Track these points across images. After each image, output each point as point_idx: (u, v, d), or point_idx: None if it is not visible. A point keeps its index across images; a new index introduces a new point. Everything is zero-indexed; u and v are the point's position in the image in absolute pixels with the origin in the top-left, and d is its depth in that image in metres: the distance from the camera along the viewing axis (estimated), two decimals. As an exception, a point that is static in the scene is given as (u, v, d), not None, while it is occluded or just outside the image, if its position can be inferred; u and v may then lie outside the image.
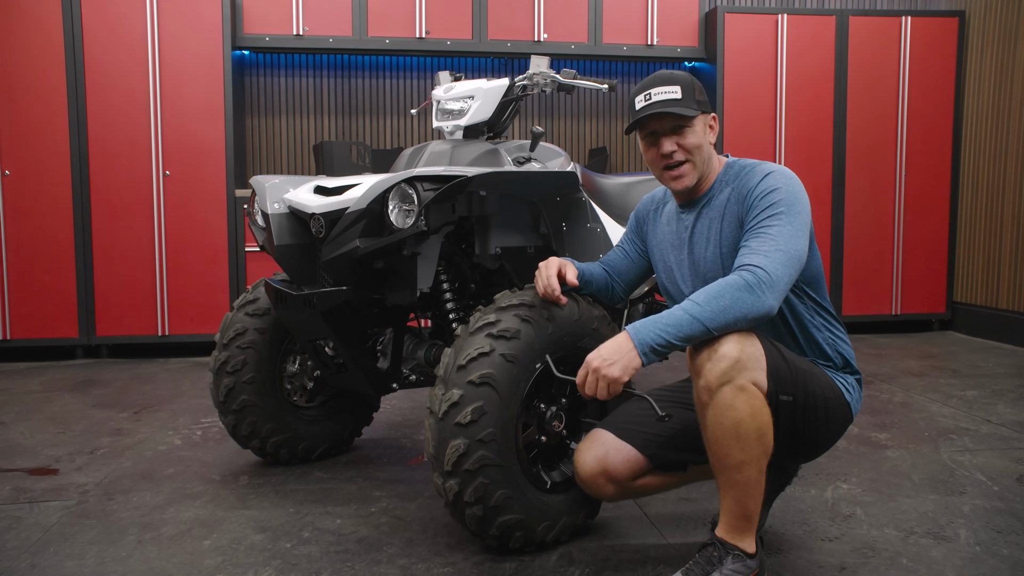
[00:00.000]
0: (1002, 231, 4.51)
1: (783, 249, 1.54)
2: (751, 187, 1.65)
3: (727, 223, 1.69)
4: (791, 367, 1.59)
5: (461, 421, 1.67)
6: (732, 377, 1.47)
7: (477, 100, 2.31)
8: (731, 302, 1.48)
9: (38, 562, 1.78)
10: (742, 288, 1.48)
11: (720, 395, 1.48)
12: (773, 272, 1.50)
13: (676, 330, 1.48)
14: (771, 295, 1.50)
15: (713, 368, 1.48)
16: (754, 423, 1.48)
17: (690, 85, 1.69)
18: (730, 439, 1.49)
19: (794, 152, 4.67)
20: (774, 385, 1.54)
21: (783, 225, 1.57)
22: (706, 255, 1.73)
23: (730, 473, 1.51)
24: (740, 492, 1.52)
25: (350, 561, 1.79)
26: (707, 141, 1.72)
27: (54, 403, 3.26)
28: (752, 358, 1.49)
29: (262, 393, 2.35)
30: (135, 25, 4.07)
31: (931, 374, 3.70)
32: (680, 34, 4.67)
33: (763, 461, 1.52)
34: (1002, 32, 4.50)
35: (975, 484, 2.24)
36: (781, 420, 1.57)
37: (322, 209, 1.99)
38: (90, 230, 4.10)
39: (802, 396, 1.60)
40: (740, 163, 1.74)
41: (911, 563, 1.75)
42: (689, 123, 1.68)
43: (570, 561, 1.78)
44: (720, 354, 1.48)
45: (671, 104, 1.66)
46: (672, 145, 1.69)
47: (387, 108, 4.86)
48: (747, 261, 1.53)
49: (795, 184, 1.63)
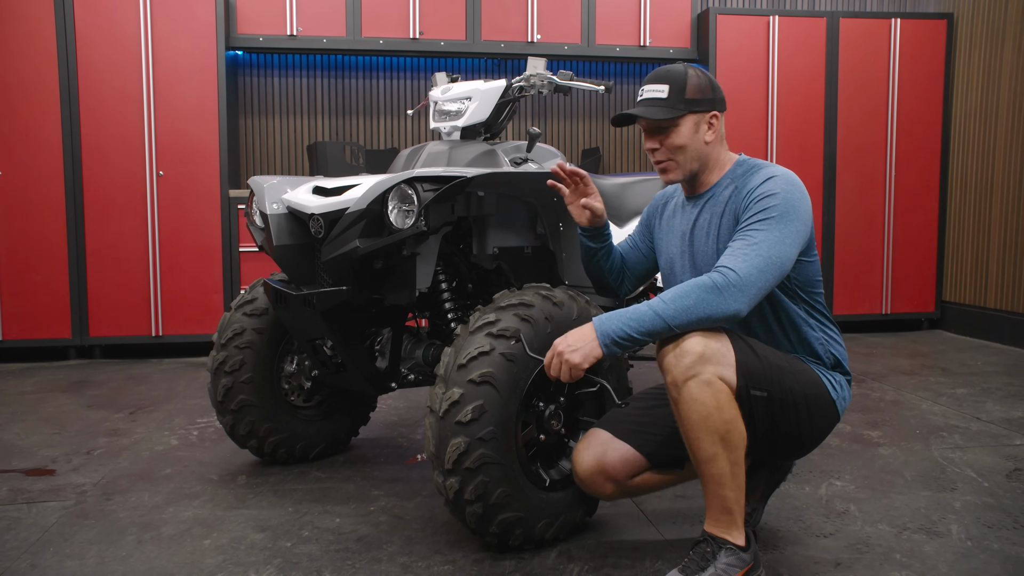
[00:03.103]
0: (990, 231, 4.56)
1: (763, 255, 1.56)
2: (751, 187, 1.67)
3: (726, 219, 1.71)
4: (764, 363, 1.61)
5: (462, 419, 1.68)
6: (697, 372, 1.51)
7: (475, 101, 2.33)
8: (695, 302, 1.51)
9: (38, 562, 1.79)
10: (709, 289, 1.52)
11: (686, 390, 1.51)
12: (745, 276, 1.53)
13: (638, 324, 1.53)
14: (738, 298, 1.52)
15: (678, 364, 1.52)
16: (720, 416, 1.51)
17: (680, 84, 1.69)
18: (700, 432, 1.52)
19: (786, 152, 4.71)
20: (744, 380, 1.56)
21: (770, 231, 1.59)
22: (705, 248, 1.75)
23: (704, 466, 1.55)
24: (716, 485, 1.55)
25: (351, 559, 1.80)
26: (698, 140, 1.71)
27: (48, 404, 3.26)
28: (717, 353, 1.53)
29: (260, 393, 2.36)
30: (128, 25, 4.06)
31: (921, 372, 3.74)
32: (672, 35, 4.70)
33: (736, 453, 1.54)
34: (989, 34, 4.55)
35: (966, 480, 2.27)
36: (756, 416, 1.60)
37: (322, 209, 2.00)
38: (83, 230, 4.09)
39: (778, 392, 1.62)
40: (749, 162, 1.76)
41: (904, 558, 1.78)
42: (673, 123, 1.70)
43: (569, 558, 1.80)
44: (683, 350, 1.52)
45: (653, 103, 1.69)
46: (655, 143, 1.73)
47: (381, 108, 4.86)
48: (723, 262, 1.56)
49: (795, 191, 1.64)
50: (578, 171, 1.88)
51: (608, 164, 5.11)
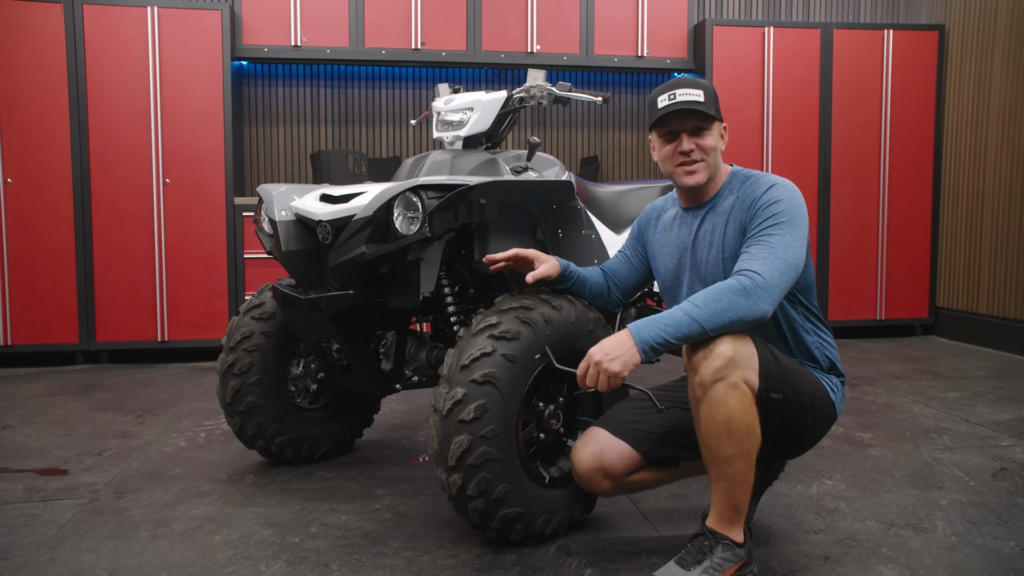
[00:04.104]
0: (982, 239, 4.64)
1: (781, 257, 1.63)
2: (756, 196, 1.75)
3: (731, 229, 1.78)
4: (782, 367, 1.69)
5: (464, 418, 1.75)
6: (725, 375, 1.56)
7: (476, 112, 2.40)
8: (728, 305, 1.57)
9: (57, 556, 1.85)
10: (739, 292, 1.58)
11: (713, 391, 1.57)
12: (769, 278, 1.60)
13: (675, 330, 1.57)
14: (766, 300, 1.59)
15: (708, 366, 1.57)
16: (744, 419, 1.58)
17: (712, 92, 1.80)
18: (721, 433, 1.58)
19: (781, 161, 4.79)
20: (765, 383, 1.64)
21: (783, 235, 1.67)
22: (708, 258, 1.82)
23: (721, 466, 1.61)
24: (730, 484, 1.61)
25: (357, 554, 1.86)
26: (719, 146, 1.83)
27: (58, 407, 3.32)
28: (745, 357, 1.59)
29: (268, 395, 2.42)
30: (136, 36, 4.15)
31: (914, 377, 3.81)
32: (669, 46, 4.79)
33: (752, 455, 1.61)
34: (979, 46, 4.64)
35: (953, 479, 2.34)
36: (770, 416, 1.67)
37: (329, 216, 2.07)
38: (91, 237, 4.16)
39: (791, 394, 1.70)
40: (745, 172, 1.84)
41: (891, 552, 1.85)
42: (709, 125, 1.79)
43: (568, 553, 1.86)
44: (715, 353, 1.57)
45: (696, 104, 1.76)
46: (691, 144, 1.79)
47: (383, 118, 4.95)
48: (746, 266, 1.63)
49: (797, 197, 1.74)
50: (516, 254, 1.94)
51: (606, 172, 5.19)
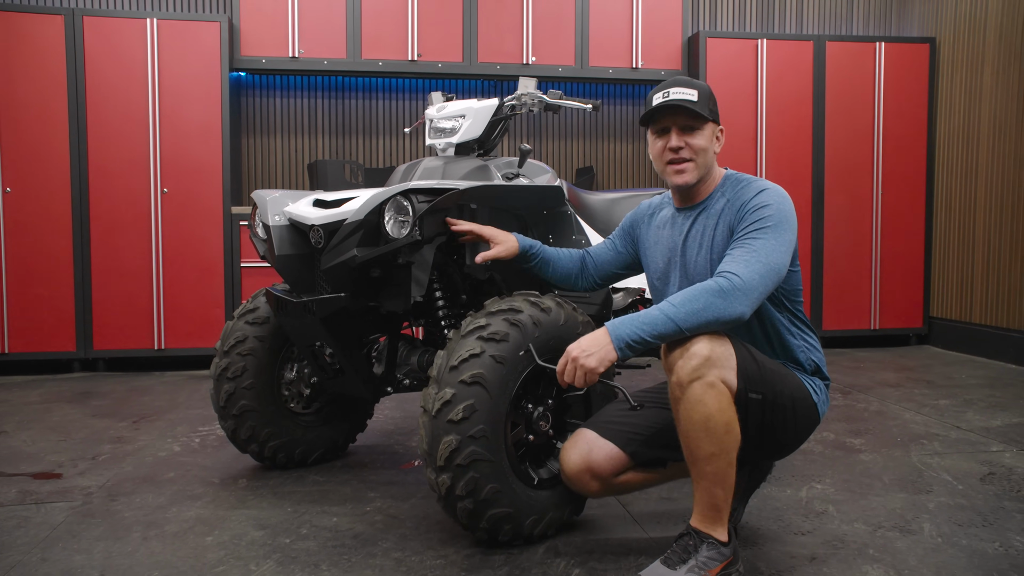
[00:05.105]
0: (974, 249, 4.67)
1: (763, 261, 1.66)
2: (745, 200, 1.77)
3: (720, 231, 1.81)
4: (761, 368, 1.71)
5: (453, 418, 1.77)
6: (702, 374, 1.58)
7: (468, 119, 2.44)
8: (704, 305, 1.59)
9: (48, 556, 1.87)
10: (716, 293, 1.60)
11: (691, 391, 1.59)
12: (748, 280, 1.62)
13: (651, 328, 1.60)
14: (743, 302, 1.61)
15: (684, 365, 1.59)
16: (722, 417, 1.60)
17: (706, 93, 1.82)
18: (700, 432, 1.60)
19: (775, 172, 4.83)
20: (744, 383, 1.65)
21: (768, 239, 1.69)
22: (697, 259, 1.85)
23: (701, 465, 1.62)
24: (710, 483, 1.63)
25: (347, 554, 1.88)
26: (712, 148, 1.84)
27: (54, 413, 3.34)
28: (722, 357, 1.61)
29: (261, 399, 2.44)
30: (136, 47, 4.20)
31: (906, 385, 3.82)
32: (664, 58, 4.84)
33: (731, 454, 1.62)
34: (969, 58, 4.69)
35: (941, 484, 2.35)
36: (750, 417, 1.68)
37: (322, 220, 2.10)
38: (89, 246, 4.19)
39: (771, 395, 1.72)
40: (738, 176, 1.87)
41: (877, 553, 1.86)
42: (700, 125, 1.81)
43: (556, 553, 1.87)
44: (692, 352, 1.59)
45: (687, 103, 1.78)
46: (681, 141, 1.81)
47: (380, 128, 4.99)
48: (726, 268, 1.65)
49: (786, 204, 1.76)
50: (473, 229, 2.04)
51: (601, 183, 5.23)
